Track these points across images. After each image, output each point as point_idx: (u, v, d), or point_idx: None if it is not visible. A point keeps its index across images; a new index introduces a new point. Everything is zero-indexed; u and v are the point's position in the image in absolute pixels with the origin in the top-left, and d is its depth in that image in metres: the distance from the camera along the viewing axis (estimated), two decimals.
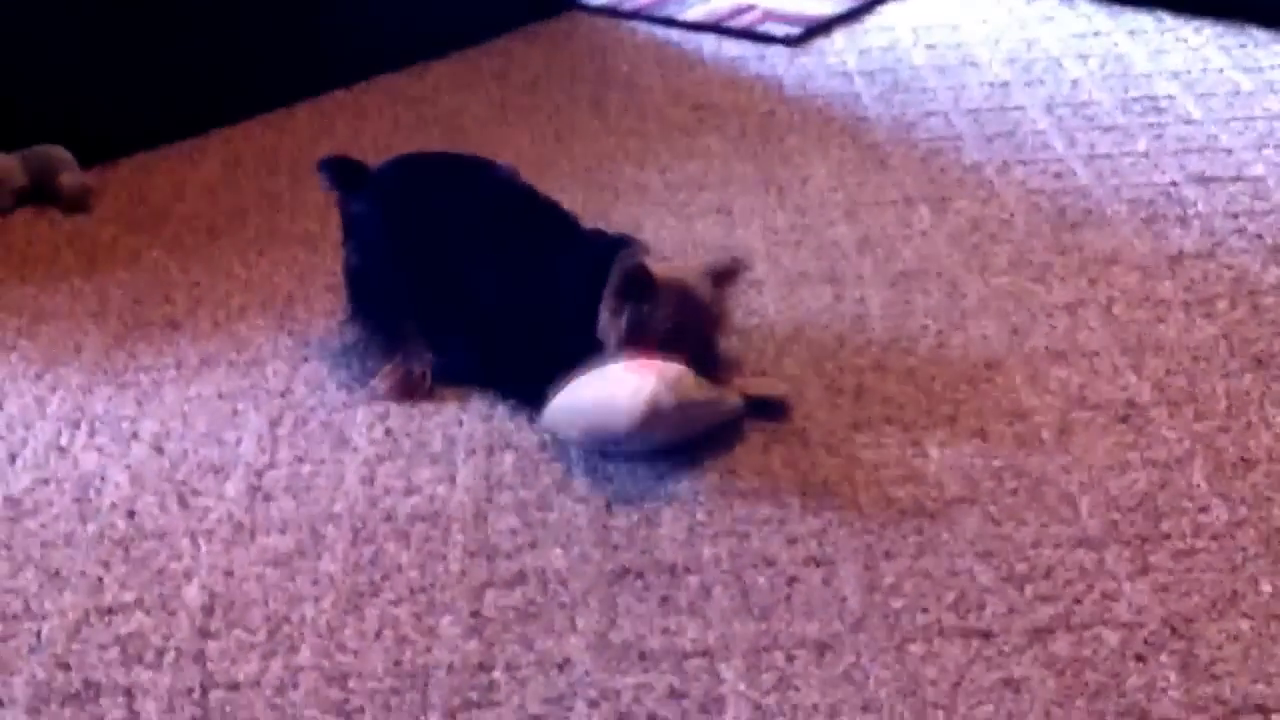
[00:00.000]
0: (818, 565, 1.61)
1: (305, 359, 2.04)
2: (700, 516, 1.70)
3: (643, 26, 3.26)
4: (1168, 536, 1.64)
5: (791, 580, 1.59)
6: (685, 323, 1.83)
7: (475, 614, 1.56)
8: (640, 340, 1.81)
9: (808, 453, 1.80)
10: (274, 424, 1.90)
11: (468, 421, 1.89)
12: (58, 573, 1.64)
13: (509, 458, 1.82)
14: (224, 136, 2.75)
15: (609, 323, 1.83)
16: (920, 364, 1.99)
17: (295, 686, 1.47)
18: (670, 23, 3.27)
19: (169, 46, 2.72)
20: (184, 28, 2.73)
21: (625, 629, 1.53)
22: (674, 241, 2.31)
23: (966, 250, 2.28)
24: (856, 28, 3.22)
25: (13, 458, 1.84)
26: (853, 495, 1.72)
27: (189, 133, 2.75)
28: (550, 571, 1.62)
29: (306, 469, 1.81)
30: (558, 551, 1.65)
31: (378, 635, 1.53)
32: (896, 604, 1.56)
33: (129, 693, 1.47)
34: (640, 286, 1.82)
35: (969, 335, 2.05)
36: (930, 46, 3.10)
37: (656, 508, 1.72)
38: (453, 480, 1.78)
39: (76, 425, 1.91)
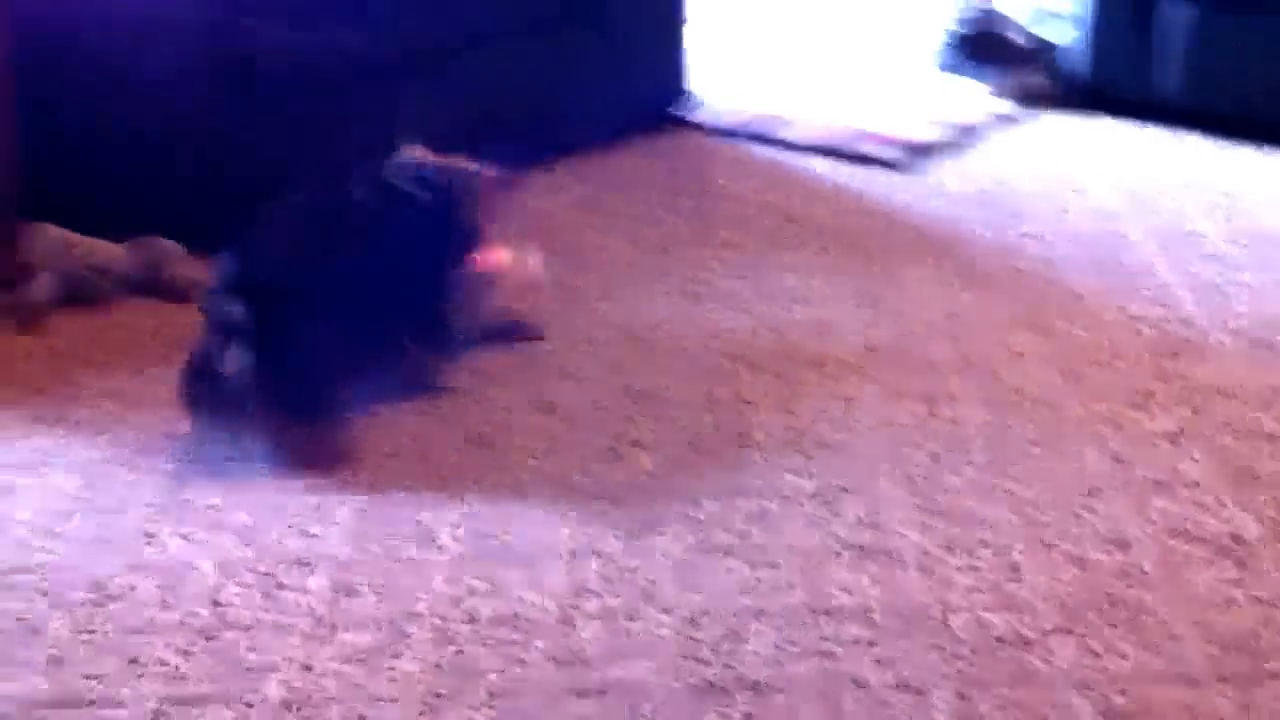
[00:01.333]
0: (910, 690, 1.56)
1: (395, 455, 2.05)
2: (788, 634, 1.66)
3: (746, 144, 3.28)
4: (1273, 676, 1.57)
5: (882, 704, 1.54)
6: None
7: None
8: None
9: (899, 572, 1.76)
10: (362, 518, 1.90)
11: (550, 523, 1.87)
12: (137, 659, 1.63)
13: (594, 564, 1.79)
14: None
15: None
16: (1018, 487, 1.94)
17: None
18: (775, 142, 3.29)
19: (272, 146, 2.78)
20: (286, 128, 2.80)
21: None
22: (766, 355, 2.30)
23: (1067, 375, 2.24)
24: (963, 153, 3.22)
25: (102, 542, 1.86)
26: (945, 619, 1.67)
27: None
28: (633, 683, 1.58)
29: (393, 566, 1.80)
30: (642, 663, 1.62)
31: None
32: None
33: None
34: None
35: (1068, 461, 2.00)
36: (1036, 174, 3.08)
37: (743, 622, 1.68)
38: (540, 585, 1.76)
39: (166, 513, 1.92)
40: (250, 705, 1.56)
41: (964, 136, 3.30)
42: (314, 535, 1.86)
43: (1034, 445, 2.03)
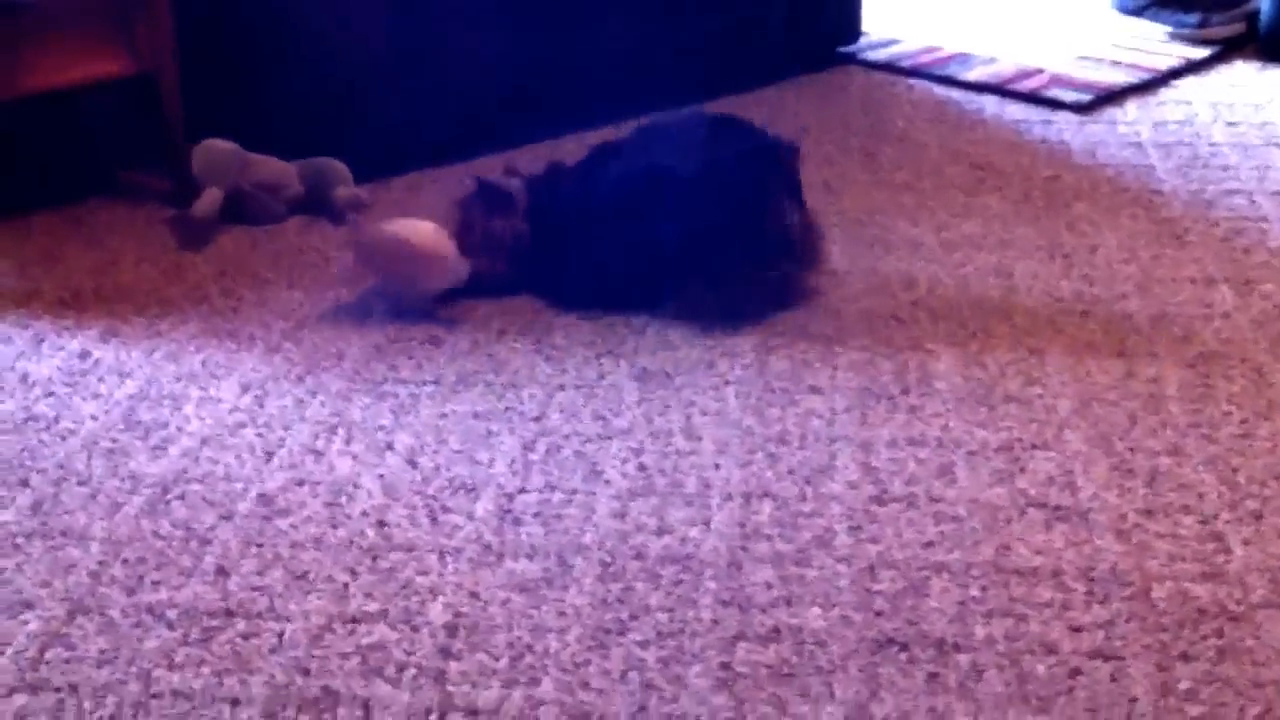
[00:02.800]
0: (1105, 659, 1.46)
1: (561, 387, 2.00)
2: (973, 591, 1.57)
3: (920, 84, 3.17)
4: None
5: (1074, 672, 1.45)
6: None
7: (725, 667, 1.47)
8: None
9: (1094, 536, 1.65)
10: (527, 448, 1.85)
11: (724, 465, 1.81)
12: (305, 575, 1.62)
13: (767, 507, 1.73)
14: (490, 163, 2.74)
15: None
16: (1222, 452, 1.81)
17: None
18: (950, 82, 3.16)
19: (443, 73, 2.75)
20: (457, 59, 2.76)
21: (887, 703, 1.42)
22: (950, 304, 2.20)
23: (1273, 337, 2.10)
24: (1150, 99, 3.05)
25: (269, 456, 1.84)
26: (1145, 587, 1.57)
27: (459, 157, 2.77)
28: (807, 631, 1.51)
29: (557, 497, 1.76)
30: (816, 611, 1.55)
31: (623, 677, 1.45)
32: (1193, 711, 1.39)
33: (367, 705, 1.42)
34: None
35: (1276, 426, 1.87)
36: (1231, 124, 2.90)
37: (924, 576, 1.60)
38: (707, 525, 1.70)
39: (333, 431, 1.90)
40: (415, 628, 1.53)
41: (1149, 81, 3.13)
42: (479, 462, 1.82)
43: (1238, 409, 1.91)
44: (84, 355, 2.09)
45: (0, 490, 1.76)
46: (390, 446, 1.86)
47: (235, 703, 1.42)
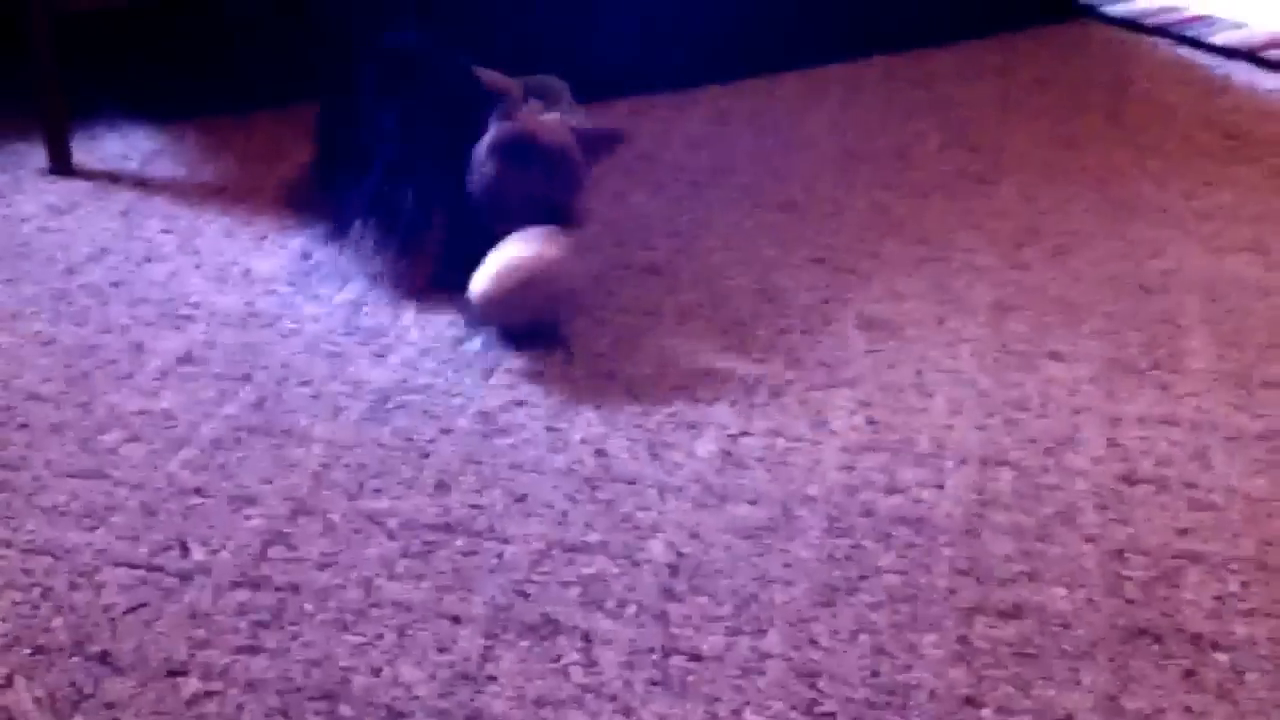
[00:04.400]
0: None
1: (783, 330, 1.93)
2: (1233, 587, 1.46)
3: (1164, 43, 2.99)
4: None
5: None
6: (554, 189, 1.95)
7: (963, 640, 1.39)
8: (505, 200, 1.93)
9: None
10: (749, 390, 1.79)
11: (959, 427, 1.72)
12: (524, 498, 1.58)
13: (1005, 475, 1.64)
14: (714, 93, 2.68)
15: (483, 180, 1.94)
16: None
17: (762, 673, 1.34)
18: (1196, 44, 2.98)
19: (672, 6, 2.69)
20: None
21: (1140, 697, 1.32)
22: (1202, 277, 2.06)
23: None
24: None
25: (489, 374, 1.82)
26: None
27: (682, 84, 2.70)
28: (1051, 611, 1.43)
29: (781, 443, 1.69)
30: (1060, 591, 1.46)
31: (853, 638, 1.39)
32: None
33: (587, 637, 1.38)
34: (521, 150, 1.94)
35: None
36: None
37: (1178, 566, 1.49)
38: (940, 487, 1.62)
39: (551, 354, 1.87)
40: (636, 564, 1.48)
41: None
42: (701, 400, 1.77)
43: None
44: (305, 256, 2.08)
45: (224, 384, 1.77)
46: (610, 375, 1.82)
47: (456, 620, 1.39)
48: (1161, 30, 3.05)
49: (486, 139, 1.97)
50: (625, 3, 2.67)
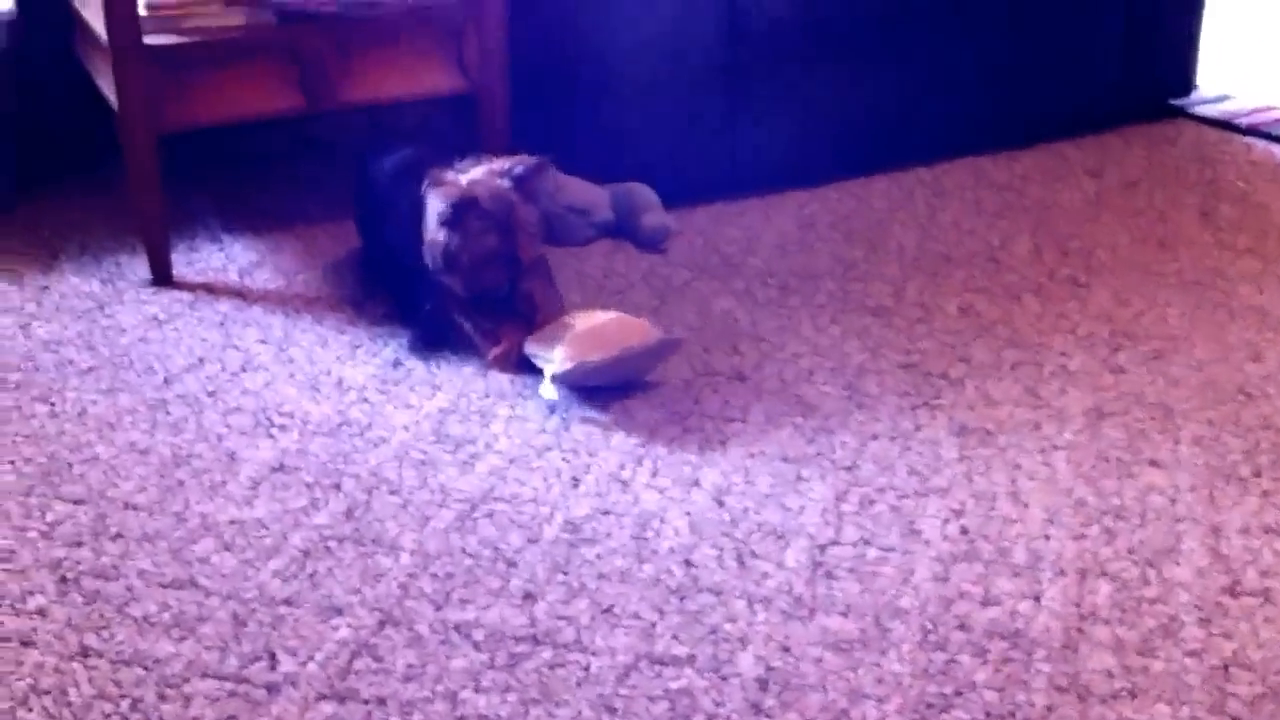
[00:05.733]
0: None
1: (875, 436, 1.90)
2: None
3: (1258, 143, 2.94)
4: None
5: None
6: (497, 244, 2.04)
7: None
8: (456, 263, 2.04)
9: None
10: (839, 498, 1.77)
11: (1056, 536, 1.68)
12: (611, 609, 1.57)
13: (1105, 587, 1.59)
14: (799, 198, 2.69)
15: (430, 243, 2.06)
16: None
17: None
18: None
19: (768, 108, 2.70)
20: (783, 95, 2.71)
21: None
22: None
23: None
24: None
25: (575, 482, 1.81)
26: None
27: (766, 189, 2.71)
28: None
29: (873, 553, 1.66)
30: (1164, 709, 1.40)
31: None
32: None
33: None
34: (457, 217, 2.02)
35: None
36: None
37: None
38: (1037, 599, 1.57)
39: (639, 462, 1.85)
40: (725, 678, 1.45)
41: None
42: (789, 508, 1.75)
43: None
44: (397, 364, 2.11)
45: (315, 493, 1.78)
46: (697, 483, 1.81)
47: None
48: (1255, 130, 3.01)
49: (431, 209, 2.07)
50: (713, 113, 2.70)
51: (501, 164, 2.10)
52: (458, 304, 2.11)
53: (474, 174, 2.08)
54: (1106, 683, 1.44)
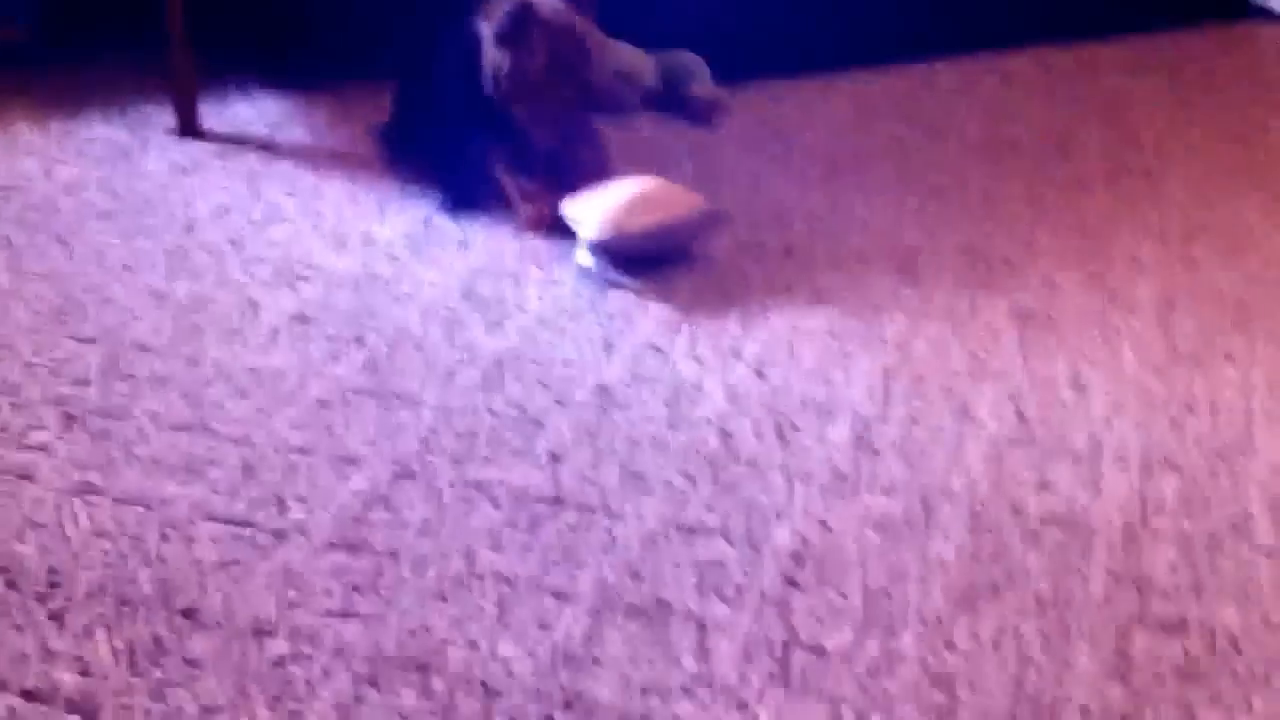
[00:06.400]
0: None
1: (927, 316, 1.80)
2: None
3: None
4: None
5: None
6: (561, 57, 1.96)
7: (1121, 654, 1.24)
8: (523, 82, 1.95)
9: None
10: (888, 376, 1.66)
11: (1119, 426, 1.57)
12: (641, 475, 1.48)
13: (1171, 480, 1.48)
14: (860, 79, 2.56)
15: (493, 71, 1.95)
16: None
17: (891, 674, 1.22)
18: None
19: None
20: None
21: None
22: None
23: None
24: None
25: (609, 347, 1.71)
26: None
27: (825, 68, 2.58)
28: (1220, 629, 1.28)
29: (921, 433, 1.56)
30: (1230, 608, 1.30)
31: (996, 645, 1.26)
32: None
33: (702, 625, 1.27)
34: (516, 29, 1.93)
35: None
36: None
37: None
38: (1097, 488, 1.47)
39: (677, 330, 1.75)
40: (758, 550, 1.36)
41: None
42: (833, 382, 1.65)
43: None
44: (427, 222, 2.01)
45: (336, 345, 1.69)
46: (738, 354, 1.70)
47: (560, 596, 1.29)
48: None
49: (486, 34, 1.95)
50: None
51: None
52: (502, 156, 2.01)
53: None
54: (1169, 577, 1.34)
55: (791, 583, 1.32)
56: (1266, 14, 2.93)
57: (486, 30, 1.95)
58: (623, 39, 2.45)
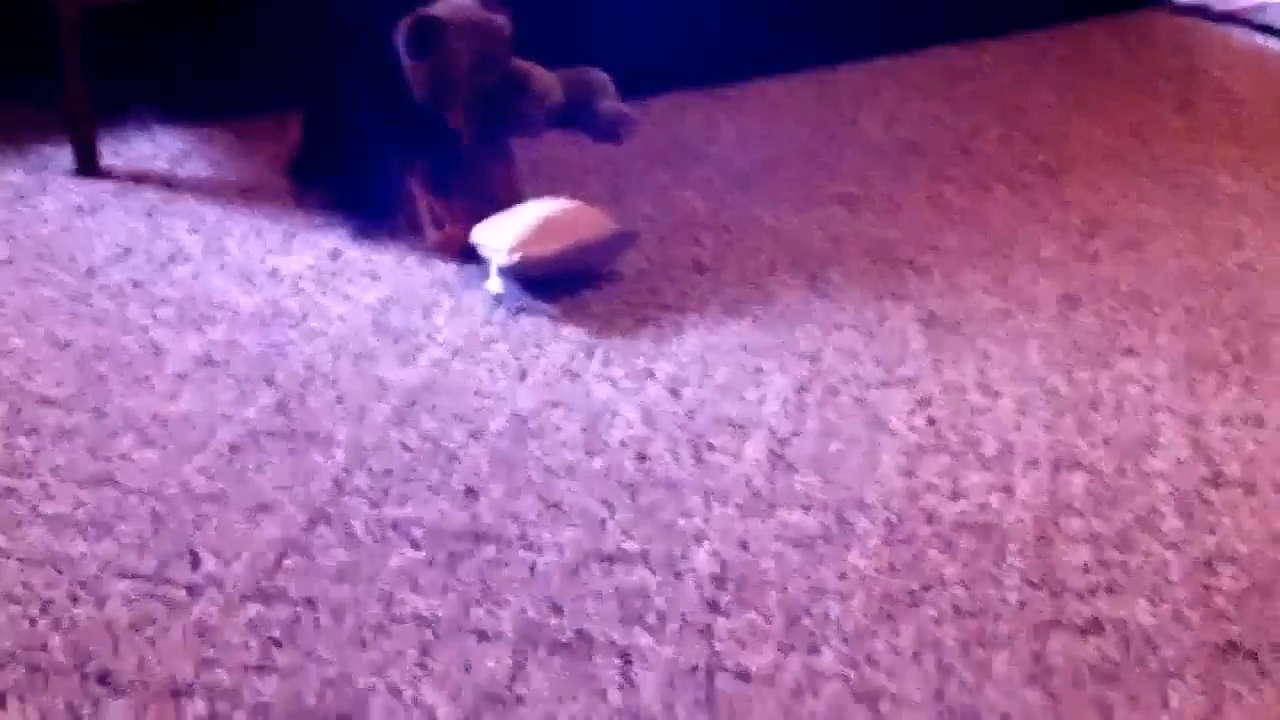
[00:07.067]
0: None
1: (838, 326, 1.81)
2: None
3: (1236, 31, 2.85)
4: None
5: None
6: (484, 53, 1.97)
7: (1037, 658, 1.26)
8: (448, 85, 1.94)
9: None
10: (801, 389, 1.68)
11: (1027, 427, 1.60)
12: (559, 505, 1.47)
13: (1079, 479, 1.51)
14: (762, 87, 2.57)
15: (416, 82, 1.94)
16: None
17: (815, 693, 1.22)
18: (1270, 30, 2.84)
19: None
20: None
21: (1233, 719, 1.21)
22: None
23: None
24: None
25: (523, 374, 1.71)
26: None
27: (729, 79, 2.60)
28: (1134, 627, 1.30)
29: (835, 446, 1.57)
30: (1144, 604, 1.33)
31: (915, 656, 1.27)
32: None
33: (625, 655, 1.27)
34: (426, 37, 1.92)
35: None
36: None
37: (1273, 576, 1.36)
38: (1008, 492, 1.49)
39: (590, 353, 1.75)
40: (679, 575, 1.37)
41: None
42: (748, 400, 1.66)
43: None
44: (335, 255, 1.99)
45: (246, 386, 1.67)
46: (651, 374, 1.71)
47: (482, 636, 1.28)
48: (1230, 18, 2.90)
49: (401, 46, 1.94)
50: None
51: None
52: (417, 173, 1.99)
53: (434, 7, 1.97)
54: (1082, 577, 1.36)
55: (713, 606, 1.33)
56: (1160, 3, 2.99)
57: (400, 41, 1.94)
58: (528, 57, 2.47)
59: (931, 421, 1.61)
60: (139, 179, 2.23)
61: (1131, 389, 1.66)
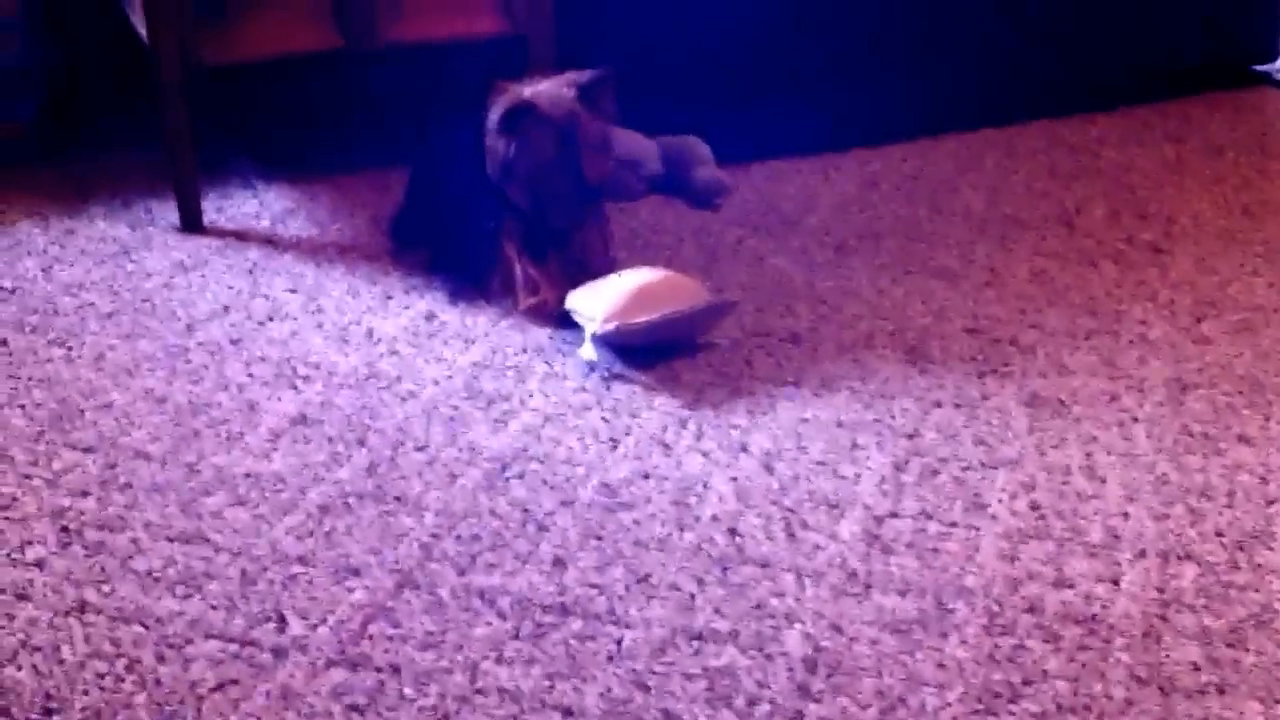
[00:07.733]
0: None
1: (938, 403, 1.77)
2: None
3: None
4: None
5: None
6: (564, 148, 1.94)
7: None
8: (519, 169, 1.95)
9: None
10: (899, 468, 1.64)
11: (1135, 515, 1.54)
12: (647, 579, 1.45)
13: (1189, 571, 1.45)
14: (862, 156, 2.55)
15: (490, 154, 1.97)
16: None
17: None
18: None
19: (823, 62, 2.57)
20: (842, 53, 2.58)
21: None
22: None
23: None
24: None
25: (614, 443, 1.69)
26: None
27: (828, 147, 2.57)
28: None
29: (934, 527, 1.53)
30: (1256, 706, 1.27)
31: None
32: None
33: None
34: (513, 122, 1.93)
35: None
36: None
37: None
38: (1115, 583, 1.44)
39: (683, 425, 1.73)
40: (769, 657, 1.33)
41: None
42: (844, 477, 1.62)
43: None
44: (430, 317, 2.00)
45: (338, 447, 1.67)
46: (745, 448, 1.68)
47: (568, 712, 1.26)
48: None
49: (491, 118, 1.96)
50: (774, 59, 2.57)
51: (569, 76, 1.99)
52: (513, 236, 2.00)
53: (538, 86, 1.98)
54: (1192, 676, 1.30)
55: (804, 691, 1.29)
56: (1270, 80, 2.93)
57: (492, 114, 1.96)
58: (627, 125, 2.47)
59: (1034, 506, 1.56)
60: (241, 236, 2.26)
61: (1245, 478, 1.60)
